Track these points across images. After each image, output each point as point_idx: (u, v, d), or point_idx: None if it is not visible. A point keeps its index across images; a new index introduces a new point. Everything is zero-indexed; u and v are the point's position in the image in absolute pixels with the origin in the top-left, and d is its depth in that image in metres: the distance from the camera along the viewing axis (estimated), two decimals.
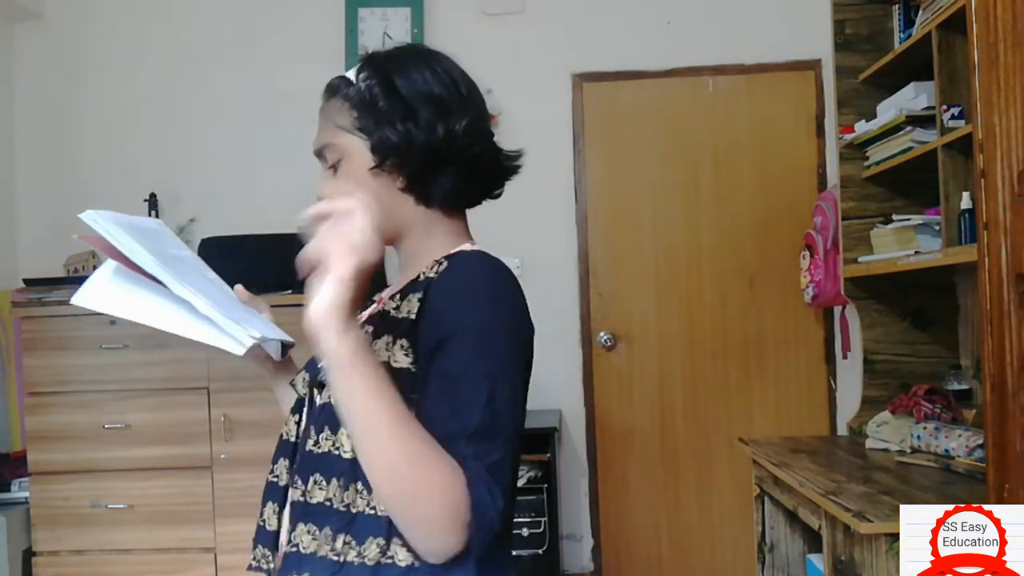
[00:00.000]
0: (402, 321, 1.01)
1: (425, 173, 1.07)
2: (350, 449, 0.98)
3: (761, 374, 3.56)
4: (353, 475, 0.98)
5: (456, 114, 1.07)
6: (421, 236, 1.11)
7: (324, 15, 3.57)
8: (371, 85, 1.07)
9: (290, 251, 2.17)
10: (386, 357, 1.00)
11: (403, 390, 0.94)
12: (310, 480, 1.03)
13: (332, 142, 1.10)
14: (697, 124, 3.59)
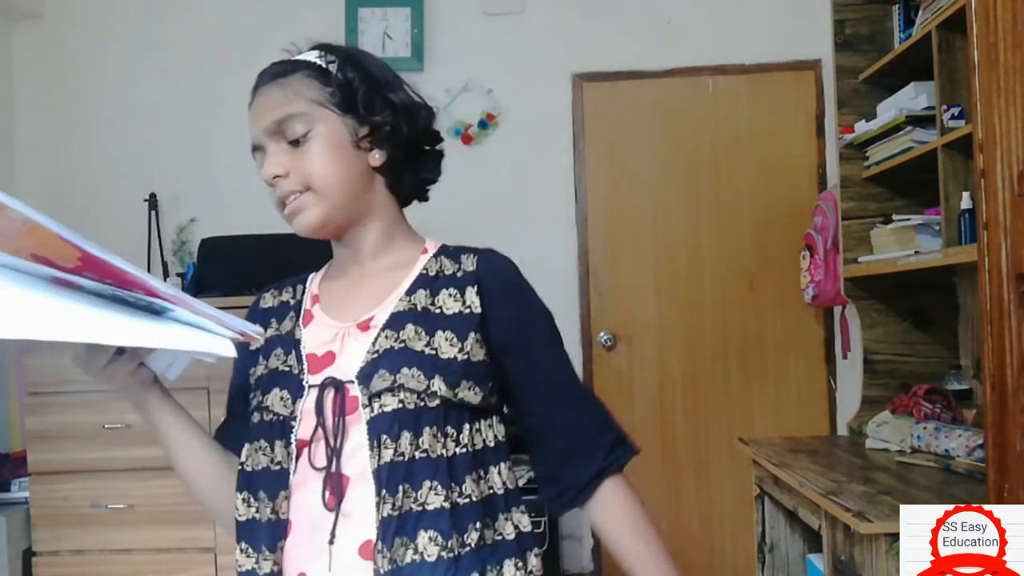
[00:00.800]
0: (460, 316, 1.05)
1: (406, 153, 1.10)
2: (438, 448, 1.00)
3: (761, 374, 3.56)
4: (447, 472, 1.00)
5: (426, 110, 1.13)
6: (387, 225, 1.13)
7: (324, 15, 3.57)
8: (342, 64, 1.08)
9: (290, 251, 2.18)
10: (453, 353, 1.02)
11: (479, 382, 1.03)
12: (399, 491, 0.97)
13: (301, 111, 1.05)
14: (697, 124, 3.59)
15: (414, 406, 0.99)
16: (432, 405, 0.99)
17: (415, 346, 1.02)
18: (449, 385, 1.00)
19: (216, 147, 3.59)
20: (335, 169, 1.06)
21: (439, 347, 1.02)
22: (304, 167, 1.06)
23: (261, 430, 1.07)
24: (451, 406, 1.01)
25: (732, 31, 3.55)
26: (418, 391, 0.99)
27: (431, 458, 0.99)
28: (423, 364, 1.00)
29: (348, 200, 1.08)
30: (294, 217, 1.09)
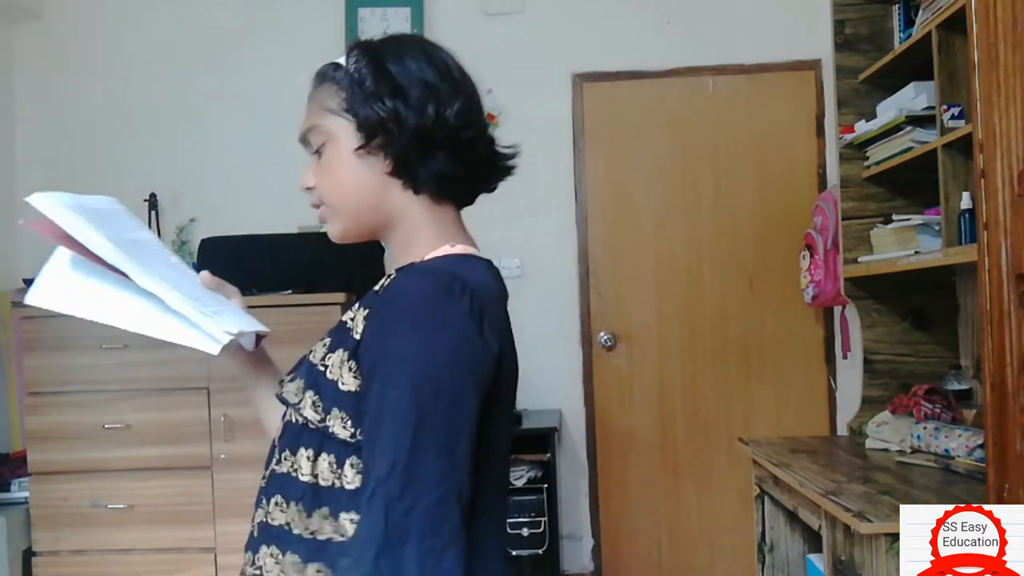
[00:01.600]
0: (350, 338, 0.96)
1: (413, 154, 1.01)
2: (309, 472, 0.96)
3: (761, 374, 3.57)
4: (316, 500, 0.95)
5: (448, 98, 1.02)
6: (410, 228, 1.06)
7: (324, 15, 3.57)
8: (360, 67, 1.03)
9: (290, 251, 2.17)
10: (336, 376, 0.95)
11: (352, 415, 0.93)
12: (271, 501, 0.99)
13: (317, 124, 1.05)
14: (697, 124, 3.59)
15: (296, 421, 0.98)
16: (311, 427, 0.96)
17: (314, 358, 1.00)
18: (319, 408, 0.95)
19: (216, 147, 3.59)
20: (343, 184, 1.03)
21: (330, 365, 0.97)
22: (319, 180, 1.05)
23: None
24: (325, 434, 0.95)
25: (732, 31, 3.55)
26: (292, 404, 0.99)
27: (300, 480, 0.96)
28: (307, 379, 0.98)
29: (363, 212, 1.05)
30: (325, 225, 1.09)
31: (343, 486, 0.94)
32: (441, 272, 0.97)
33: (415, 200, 1.04)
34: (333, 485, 0.94)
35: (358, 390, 0.93)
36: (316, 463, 0.95)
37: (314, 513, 0.94)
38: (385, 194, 1.04)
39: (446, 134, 1.01)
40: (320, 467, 0.95)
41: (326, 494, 0.94)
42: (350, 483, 0.93)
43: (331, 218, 1.07)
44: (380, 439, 0.89)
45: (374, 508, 0.87)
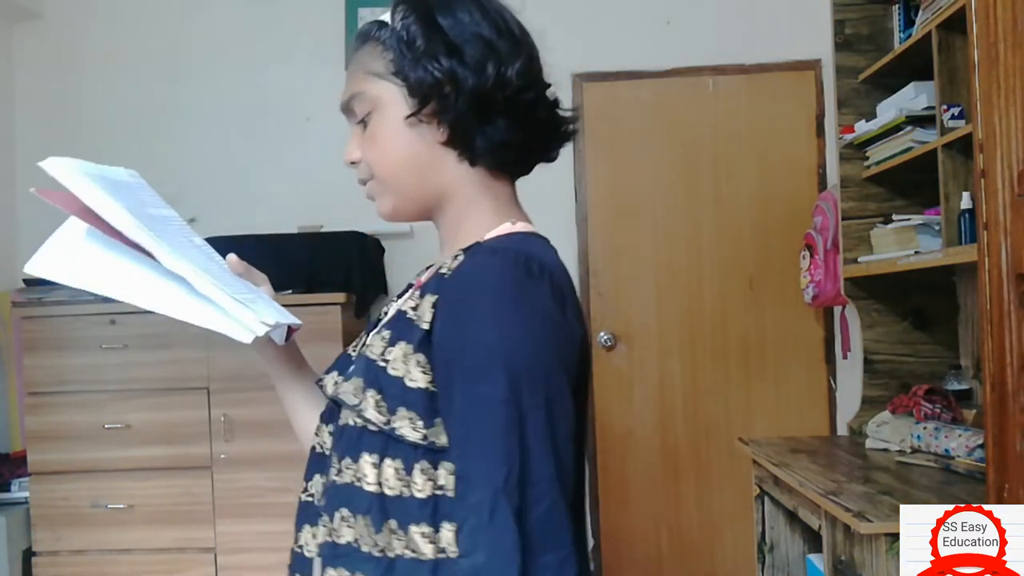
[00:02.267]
0: (416, 328, 0.86)
1: (471, 121, 0.90)
2: (375, 480, 0.85)
3: (761, 374, 3.56)
4: (383, 512, 0.84)
5: (508, 56, 0.92)
6: (464, 205, 0.95)
7: (324, 15, 3.57)
8: (408, 23, 0.91)
9: (290, 251, 2.17)
10: (401, 372, 0.85)
11: (422, 414, 0.83)
12: (336, 516, 0.87)
13: (361, 90, 0.94)
14: (697, 124, 3.59)
15: (354, 424, 0.88)
16: (373, 429, 0.85)
17: (371, 354, 0.89)
18: (383, 409, 0.85)
19: (216, 147, 3.59)
20: (393, 155, 0.93)
21: (392, 360, 0.86)
22: (367, 152, 0.95)
23: (323, 411, 1.00)
24: (391, 437, 0.84)
25: (732, 31, 3.55)
26: (351, 406, 0.87)
27: (366, 491, 0.85)
28: (367, 376, 0.87)
29: (414, 185, 0.94)
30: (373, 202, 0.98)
31: (412, 495, 0.83)
32: (516, 252, 0.87)
33: (470, 172, 0.94)
34: (400, 494, 0.84)
35: (429, 386, 0.84)
36: (381, 470, 0.84)
37: (383, 527, 0.84)
38: (439, 166, 0.94)
39: (507, 96, 0.91)
40: (385, 474, 0.84)
41: (393, 505, 0.84)
42: (420, 491, 0.83)
43: (380, 194, 0.97)
44: (483, 442, 0.80)
45: (499, 522, 0.77)
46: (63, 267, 0.90)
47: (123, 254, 0.90)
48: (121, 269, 0.90)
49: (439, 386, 0.83)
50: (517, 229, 0.94)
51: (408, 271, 3.73)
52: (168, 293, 0.88)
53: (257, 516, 2.95)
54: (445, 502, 0.82)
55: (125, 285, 0.89)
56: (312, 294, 2.98)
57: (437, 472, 0.83)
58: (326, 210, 3.44)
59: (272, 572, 2.94)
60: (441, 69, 0.89)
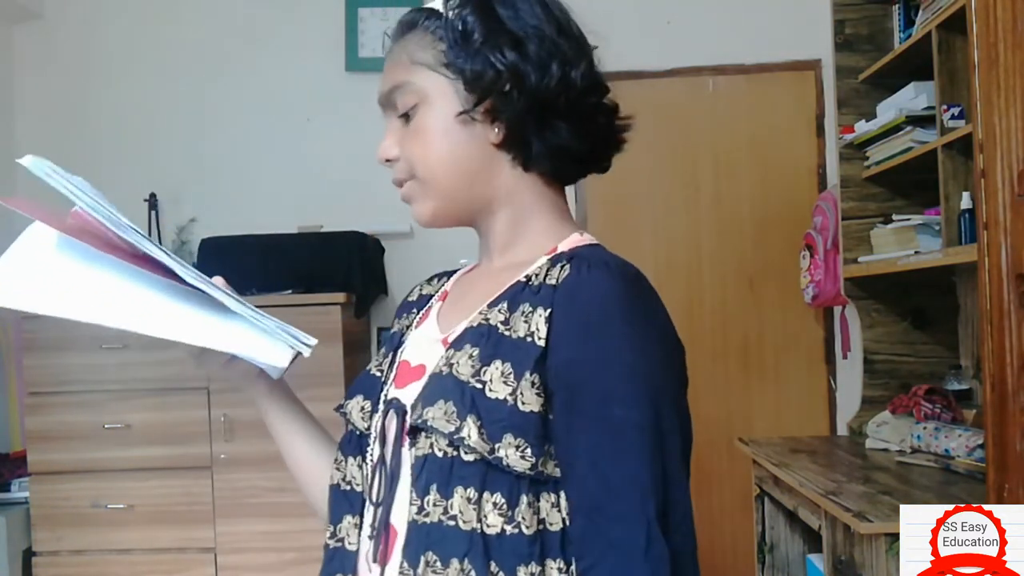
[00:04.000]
0: (522, 346, 0.78)
1: (530, 123, 0.84)
2: (474, 518, 0.75)
3: (761, 374, 3.56)
4: (485, 554, 0.75)
5: (573, 56, 0.86)
6: (518, 213, 0.88)
7: (324, 15, 3.56)
8: (465, 13, 0.84)
9: (290, 251, 2.16)
10: (503, 394, 0.76)
11: (532, 441, 0.75)
12: (421, 560, 0.77)
13: (406, 80, 0.85)
14: (697, 124, 3.59)
15: (444, 454, 0.77)
16: (467, 459, 0.76)
17: (460, 374, 0.79)
18: (485, 435, 0.75)
19: (216, 147, 3.59)
20: (440, 153, 0.85)
21: (489, 381, 0.77)
22: (410, 149, 0.87)
23: (343, 441, 0.91)
24: (492, 466, 0.76)
25: (732, 31, 3.55)
26: (446, 433, 0.77)
27: (462, 529, 0.75)
28: (461, 399, 0.77)
29: (462, 188, 0.86)
30: (410, 206, 0.90)
31: (521, 532, 0.75)
32: (624, 265, 0.81)
33: (524, 179, 0.88)
34: (503, 532, 0.75)
35: (542, 410, 0.76)
36: (480, 505, 0.76)
37: (485, 570, 0.75)
38: (490, 169, 0.86)
39: (569, 99, 0.85)
40: (485, 510, 0.75)
41: (496, 544, 0.75)
42: (528, 527, 0.75)
43: (420, 196, 0.88)
44: (627, 471, 0.73)
45: (656, 556, 0.72)
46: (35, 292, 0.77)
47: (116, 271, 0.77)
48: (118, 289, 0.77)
49: (560, 409, 0.76)
50: (587, 240, 0.88)
51: (408, 271, 3.75)
52: (182, 316, 0.79)
53: (257, 516, 2.95)
54: (550, 538, 0.76)
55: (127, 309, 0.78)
56: (312, 294, 2.98)
57: (539, 504, 0.76)
58: (326, 210, 3.45)
59: (272, 572, 2.94)
60: (504, 63, 0.82)
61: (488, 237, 0.91)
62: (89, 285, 0.77)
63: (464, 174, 0.86)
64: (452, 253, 3.28)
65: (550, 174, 0.89)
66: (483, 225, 0.91)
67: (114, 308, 0.78)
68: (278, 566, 2.94)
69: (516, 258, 0.88)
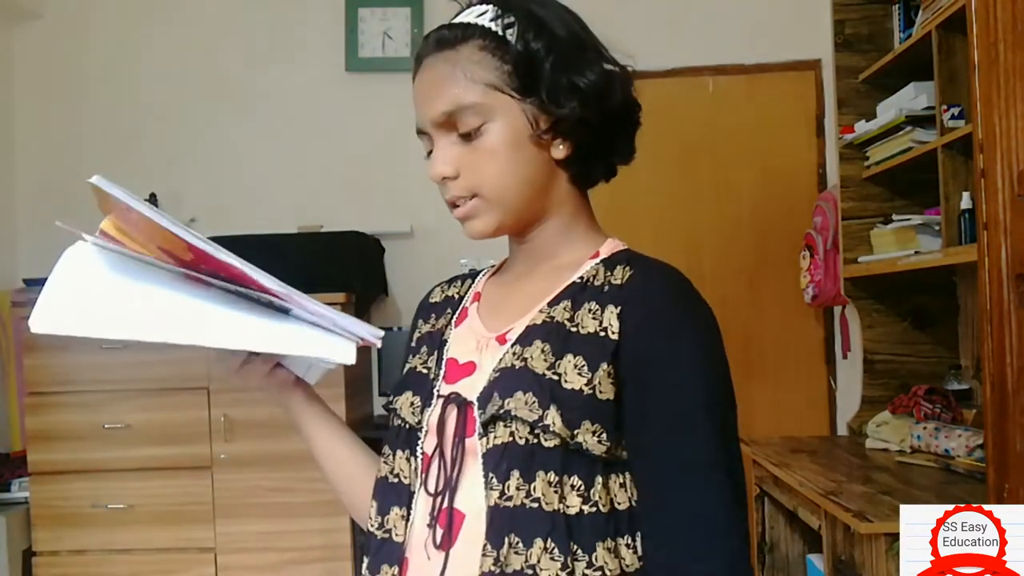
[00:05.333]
0: (594, 340, 0.84)
1: (597, 144, 0.90)
2: (555, 499, 0.81)
3: (761, 374, 3.56)
4: (567, 532, 0.80)
5: (625, 76, 0.90)
6: (564, 221, 0.94)
7: (324, 15, 3.57)
8: (528, 37, 0.86)
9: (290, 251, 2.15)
10: (579, 384, 0.82)
11: (608, 427, 0.82)
12: (505, 542, 0.81)
13: (476, 101, 0.86)
14: (697, 124, 3.59)
15: (525, 442, 0.82)
16: (548, 445, 0.81)
17: (536, 367, 0.84)
18: (567, 422, 0.81)
19: (216, 147, 3.59)
20: (510, 172, 0.88)
21: (564, 373, 0.83)
22: (475, 170, 0.88)
23: (390, 436, 0.95)
24: (570, 451, 0.82)
25: (732, 31, 3.55)
26: (529, 422, 0.82)
27: (545, 511, 0.81)
28: (540, 390, 0.83)
29: (525, 204, 0.90)
30: (464, 222, 0.91)
31: (599, 511, 0.81)
32: (674, 268, 0.90)
33: (571, 190, 0.93)
34: (581, 512, 0.81)
35: (615, 398, 0.83)
36: (562, 488, 0.81)
37: (568, 548, 0.80)
38: (552, 184, 0.91)
39: (631, 119, 0.92)
40: (565, 491, 0.81)
41: (576, 523, 0.81)
42: (604, 506, 0.82)
43: (484, 212, 0.90)
44: (703, 456, 0.81)
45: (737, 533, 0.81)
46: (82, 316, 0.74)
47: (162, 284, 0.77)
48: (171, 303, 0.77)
49: (635, 397, 0.83)
50: (622, 245, 0.96)
51: (408, 271, 3.75)
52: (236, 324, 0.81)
53: (257, 516, 2.95)
54: (620, 516, 0.83)
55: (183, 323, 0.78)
56: (312, 294, 2.96)
57: (610, 485, 0.83)
58: (326, 210, 3.45)
59: (272, 572, 2.94)
60: (584, 83, 0.86)
61: (534, 244, 0.95)
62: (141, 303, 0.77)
63: (530, 191, 0.90)
64: (452, 253, 3.29)
65: (591, 184, 0.95)
66: (530, 234, 0.94)
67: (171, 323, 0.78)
68: (278, 566, 2.94)
69: (560, 261, 0.93)
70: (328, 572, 2.93)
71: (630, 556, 0.83)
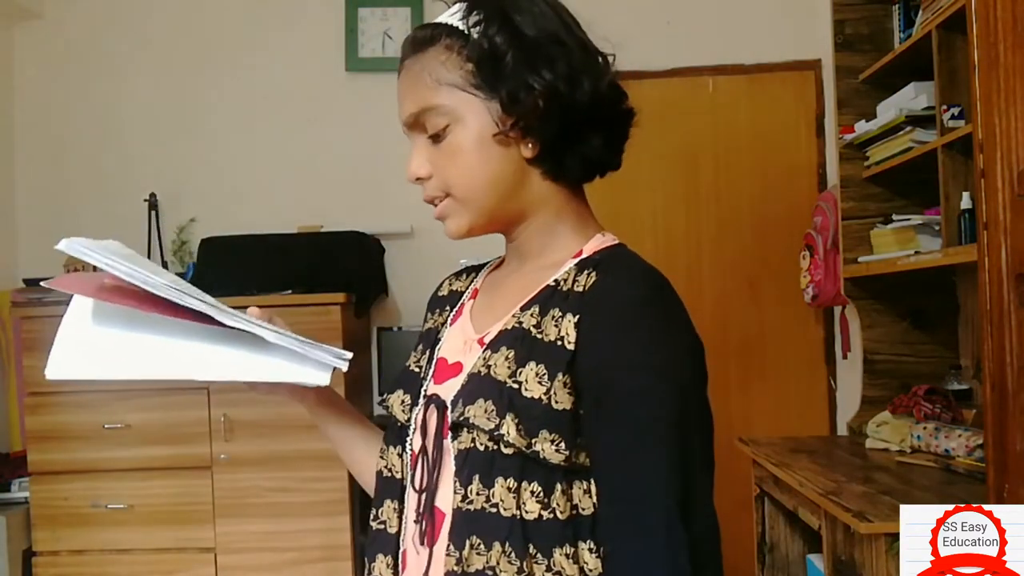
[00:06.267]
0: (553, 348, 0.83)
1: (565, 138, 0.87)
2: (513, 505, 0.81)
3: (761, 374, 3.56)
4: (524, 537, 0.81)
5: (599, 68, 0.88)
6: (547, 219, 0.92)
7: (324, 15, 3.57)
8: (491, 33, 0.85)
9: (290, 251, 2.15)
10: (538, 393, 0.82)
11: (564, 436, 0.81)
12: (466, 544, 0.83)
13: (439, 103, 0.86)
14: (697, 124, 3.59)
15: (485, 448, 0.83)
16: (507, 452, 0.82)
17: (499, 375, 0.85)
18: (523, 431, 0.81)
19: (216, 147, 3.59)
20: (477, 172, 0.88)
21: (524, 381, 0.83)
22: (444, 170, 0.89)
23: (387, 431, 0.97)
24: (528, 458, 0.82)
25: (732, 31, 3.55)
26: (486, 430, 0.83)
27: (503, 516, 0.82)
28: (499, 399, 0.83)
29: (496, 203, 0.90)
30: (443, 222, 0.93)
31: (555, 517, 0.82)
32: (645, 268, 0.89)
33: (554, 187, 0.91)
34: (540, 518, 0.82)
35: (573, 407, 0.82)
36: (519, 494, 0.82)
37: (524, 553, 0.81)
38: (524, 182, 0.90)
39: (603, 112, 0.89)
40: (523, 498, 0.82)
41: (533, 529, 0.81)
42: (562, 513, 0.82)
43: (455, 213, 0.91)
44: (652, 464, 0.79)
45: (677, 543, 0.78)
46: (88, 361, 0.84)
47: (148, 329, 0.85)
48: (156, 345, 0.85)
49: (591, 407, 0.82)
50: (609, 241, 0.94)
51: (408, 271, 3.75)
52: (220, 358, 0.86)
53: (257, 516, 2.95)
54: (582, 522, 0.83)
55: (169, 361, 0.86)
56: (312, 294, 2.98)
57: (572, 492, 0.83)
58: (326, 210, 3.45)
59: (272, 572, 2.94)
60: (539, 83, 0.85)
61: (519, 243, 0.95)
62: (137, 345, 0.86)
63: (500, 190, 0.89)
64: (452, 253, 3.28)
65: (579, 181, 0.93)
66: (514, 233, 0.94)
67: (164, 362, 0.86)
68: (278, 566, 2.94)
69: (546, 260, 0.93)
70: (328, 572, 2.93)
71: (593, 560, 0.82)
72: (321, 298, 2.96)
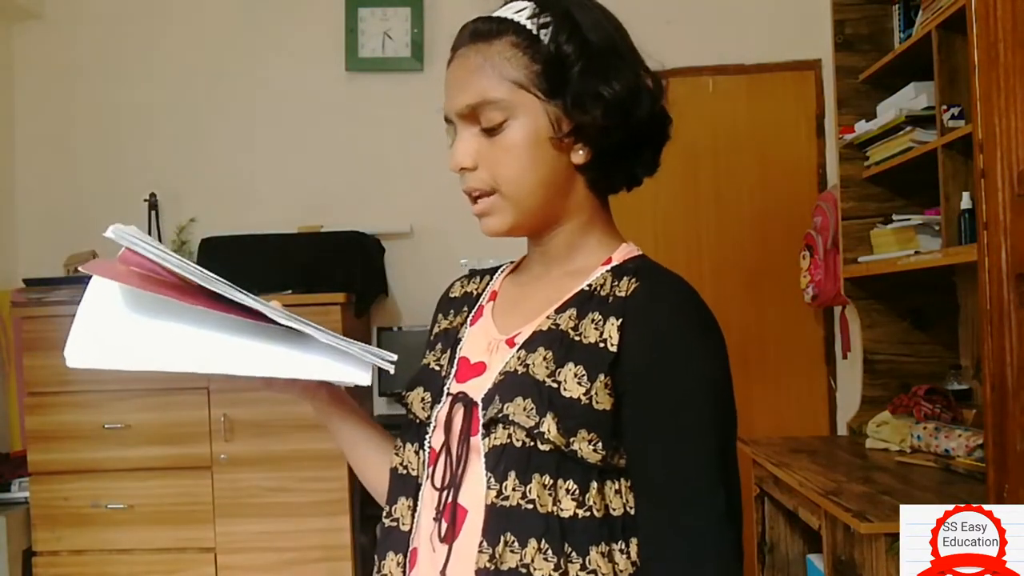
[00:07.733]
0: (594, 350, 0.85)
1: (618, 150, 0.89)
2: (549, 502, 0.83)
3: (761, 374, 3.56)
4: (560, 534, 0.82)
5: (658, 86, 0.91)
6: (580, 226, 0.93)
7: (324, 15, 3.56)
8: (560, 40, 0.87)
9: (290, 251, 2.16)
10: (577, 393, 0.83)
11: (602, 436, 0.83)
12: (500, 540, 0.83)
13: (501, 97, 0.87)
14: (697, 124, 3.59)
15: (522, 444, 0.84)
16: (544, 449, 0.83)
17: (537, 374, 0.86)
18: (562, 430, 0.82)
19: (216, 147, 3.59)
20: (529, 172, 0.88)
21: (564, 381, 0.84)
22: (493, 164, 0.89)
23: (403, 428, 0.97)
24: (565, 456, 0.83)
25: (732, 31, 3.55)
26: (526, 428, 0.84)
27: (539, 512, 0.82)
28: (539, 397, 0.84)
29: (540, 204, 0.90)
30: (480, 218, 0.93)
31: (592, 515, 0.83)
32: (679, 277, 0.89)
33: (591, 196, 0.93)
34: (575, 516, 0.83)
35: (612, 408, 0.84)
36: (556, 491, 0.83)
37: (560, 549, 0.82)
38: (569, 188, 0.91)
39: (654, 130, 0.91)
40: (559, 495, 0.83)
41: (569, 526, 0.83)
42: (598, 511, 0.83)
43: (500, 210, 0.90)
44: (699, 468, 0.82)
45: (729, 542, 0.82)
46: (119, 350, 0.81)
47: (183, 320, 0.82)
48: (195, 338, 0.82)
49: (634, 410, 0.84)
50: (635, 251, 0.95)
51: (408, 271, 3.74)
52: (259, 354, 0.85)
53: (257, 516, 2.95)
54: (614, 522, 0.84)
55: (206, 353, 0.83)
56: (312, 294, 2.98)
57: (605, 491, 0.85)
58: (326, 210, 3.45)
59: (272, 572, 2.94)
60: (609, 93, 0.86)
61: (549, 247, 0.95)
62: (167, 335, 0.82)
63: (547, 192, 0.90)
64: (452, 253, 3.29)
65: (613, 192, 0.95)
66: (545, 237, 0.95)
67: (194, 354, 0.83)
68: (278, 566, 2.94)
69: (573, 266, 0.94)
70: (328, 572, 2.93)
71: (624, 561, 0.84)
72: (321, 298, 2.96)
